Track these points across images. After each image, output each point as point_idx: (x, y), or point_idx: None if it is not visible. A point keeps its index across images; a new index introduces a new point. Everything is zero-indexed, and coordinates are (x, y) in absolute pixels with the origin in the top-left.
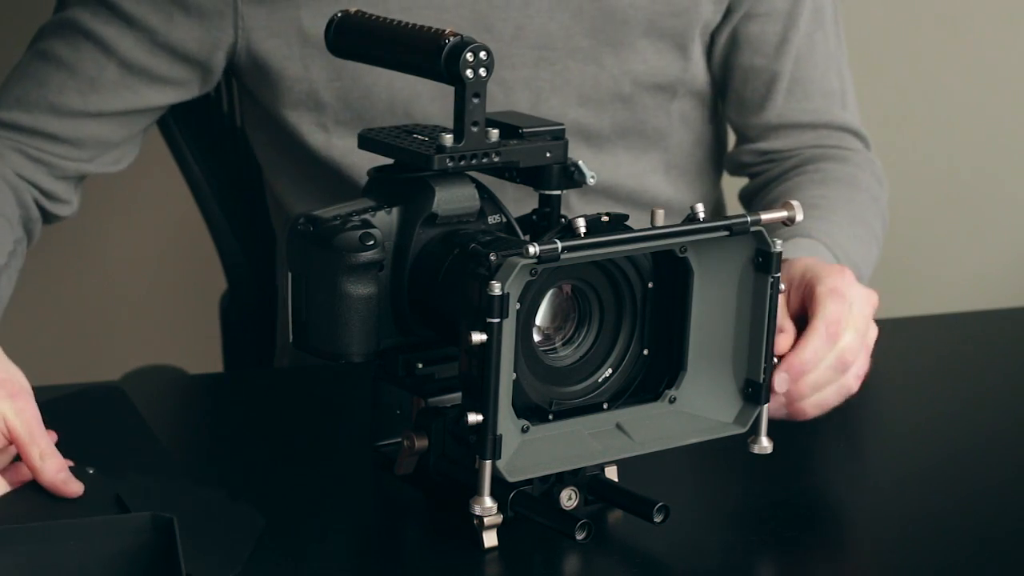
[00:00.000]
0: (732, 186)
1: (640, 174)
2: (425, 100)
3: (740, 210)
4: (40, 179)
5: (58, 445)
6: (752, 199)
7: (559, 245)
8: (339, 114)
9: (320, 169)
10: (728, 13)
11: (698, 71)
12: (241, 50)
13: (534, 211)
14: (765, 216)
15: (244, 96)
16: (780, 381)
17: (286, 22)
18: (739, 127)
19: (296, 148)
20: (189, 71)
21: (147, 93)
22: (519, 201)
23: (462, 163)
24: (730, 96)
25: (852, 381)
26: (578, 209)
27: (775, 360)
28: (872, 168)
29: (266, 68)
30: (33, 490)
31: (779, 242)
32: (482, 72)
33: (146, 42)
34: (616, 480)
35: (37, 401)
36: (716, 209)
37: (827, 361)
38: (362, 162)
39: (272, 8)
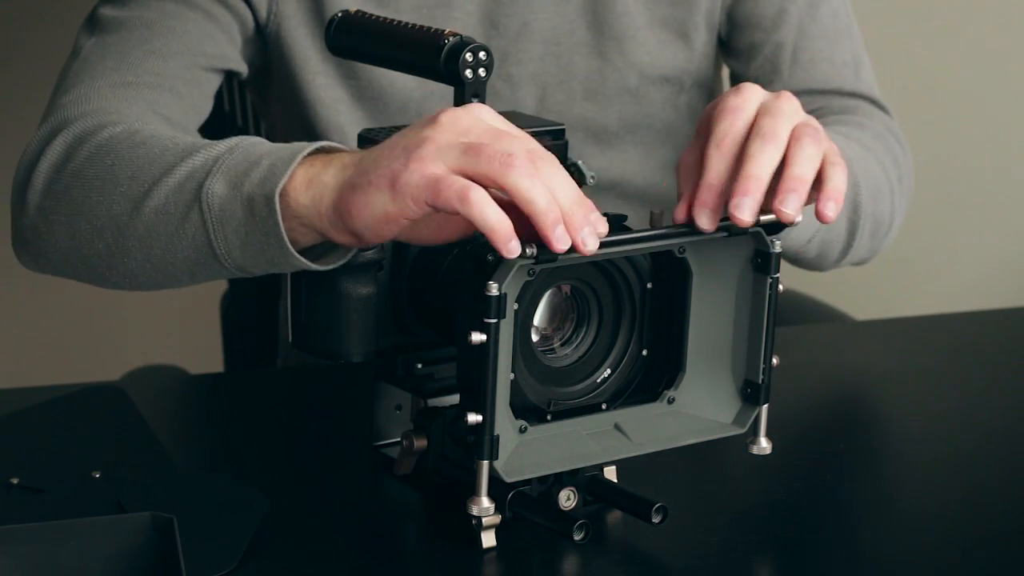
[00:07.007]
0: None
1: (651, 170)
2: (436, 100)
3: None
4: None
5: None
6: None
7: None
8: (353, 111)
9: None
10: None
11: (704, 62)
12: (271, 33)
13: None
14: (764, 217)
15: (259, 97)
16: (704, 218)
17: (314, 13)
18: None
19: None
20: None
21: (223, 19)
22: None
23: None
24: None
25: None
26: None
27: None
28: (888, 125)
29: (291, 56)
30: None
31: (778, 243)
32: (481, 72)
33: None
34: (615, 481)
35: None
36: None
37: (768, 149)
38: None
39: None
